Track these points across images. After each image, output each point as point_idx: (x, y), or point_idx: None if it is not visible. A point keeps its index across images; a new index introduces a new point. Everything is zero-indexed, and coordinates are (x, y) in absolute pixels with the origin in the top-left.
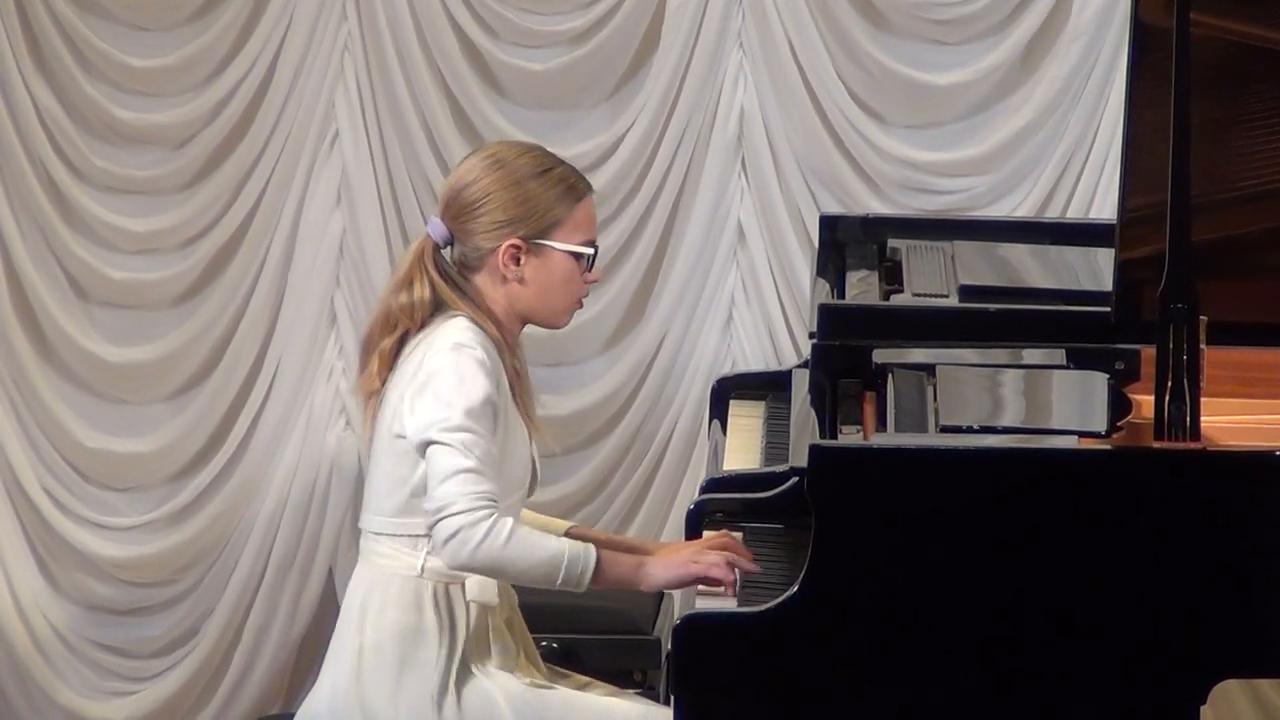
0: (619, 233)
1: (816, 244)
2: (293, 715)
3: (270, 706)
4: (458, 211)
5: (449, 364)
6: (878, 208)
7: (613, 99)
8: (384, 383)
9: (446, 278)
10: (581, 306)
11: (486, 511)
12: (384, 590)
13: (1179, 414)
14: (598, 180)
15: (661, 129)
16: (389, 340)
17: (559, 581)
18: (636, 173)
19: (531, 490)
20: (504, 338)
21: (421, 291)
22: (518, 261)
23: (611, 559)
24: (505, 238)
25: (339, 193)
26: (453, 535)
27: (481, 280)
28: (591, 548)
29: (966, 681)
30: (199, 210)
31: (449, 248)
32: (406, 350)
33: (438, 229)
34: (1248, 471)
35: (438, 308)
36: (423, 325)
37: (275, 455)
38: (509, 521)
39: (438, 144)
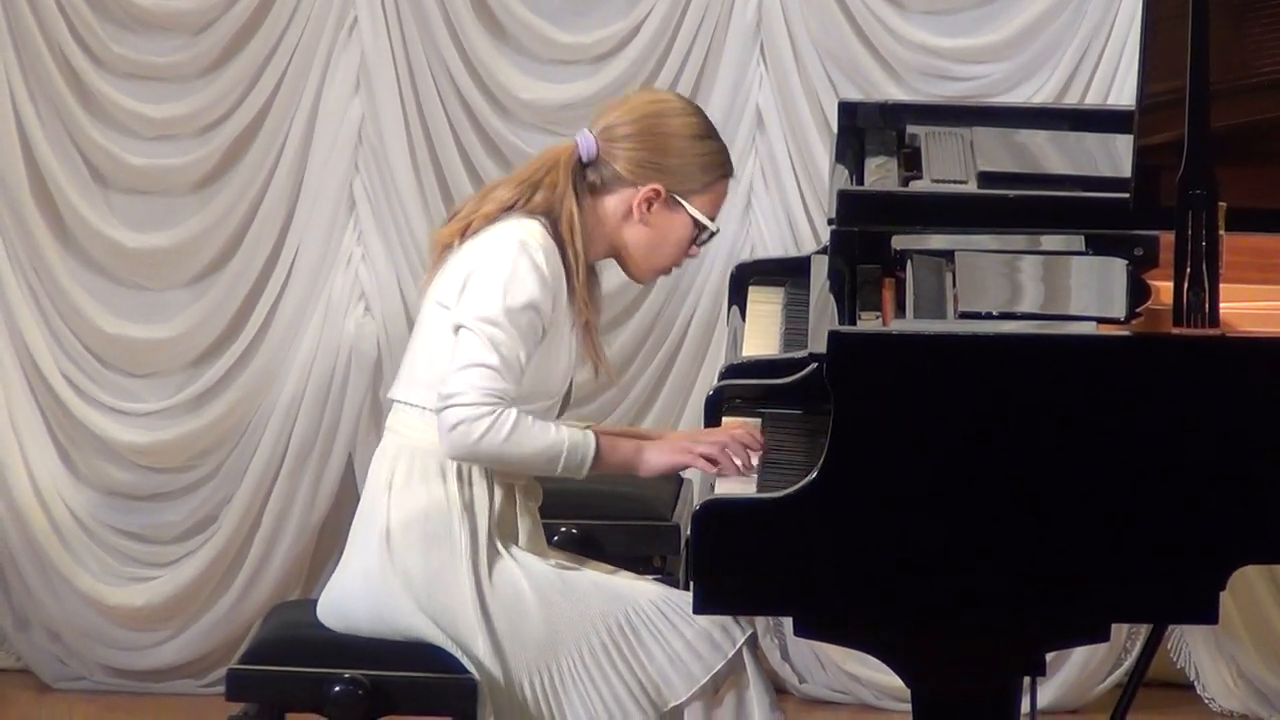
0: None
1: (835, 130)
2: (313, 601)
3: (289, 592)
4: (613, 137)
5: (508, 258)
6: (896, 94)
7: None
8: (462, 242)
9: (578, 191)
10: (669, 273)
11: (490, 407)
12: (408, 465)
13: (1198, 300)
14: (616, 66)
15: (680, 15)
16: (495, 213)
17: (559, 470)
18: (655, 59)
19: (563, 410)
20: (586, 258)
21: (564, 196)
22: (650, 207)
23: (610, 445)
24: (649, 179)
25: (358, 79)
26: (455, 425)
27: (606, 205)
28: (590, 435)
29: (984, 566)
30: (218, 96)
31: (588, 167)
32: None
33: (588, 145)
34: (1266, 357)
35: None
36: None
37: (294, 341)
38: (512, 414)
39: (456, 30)
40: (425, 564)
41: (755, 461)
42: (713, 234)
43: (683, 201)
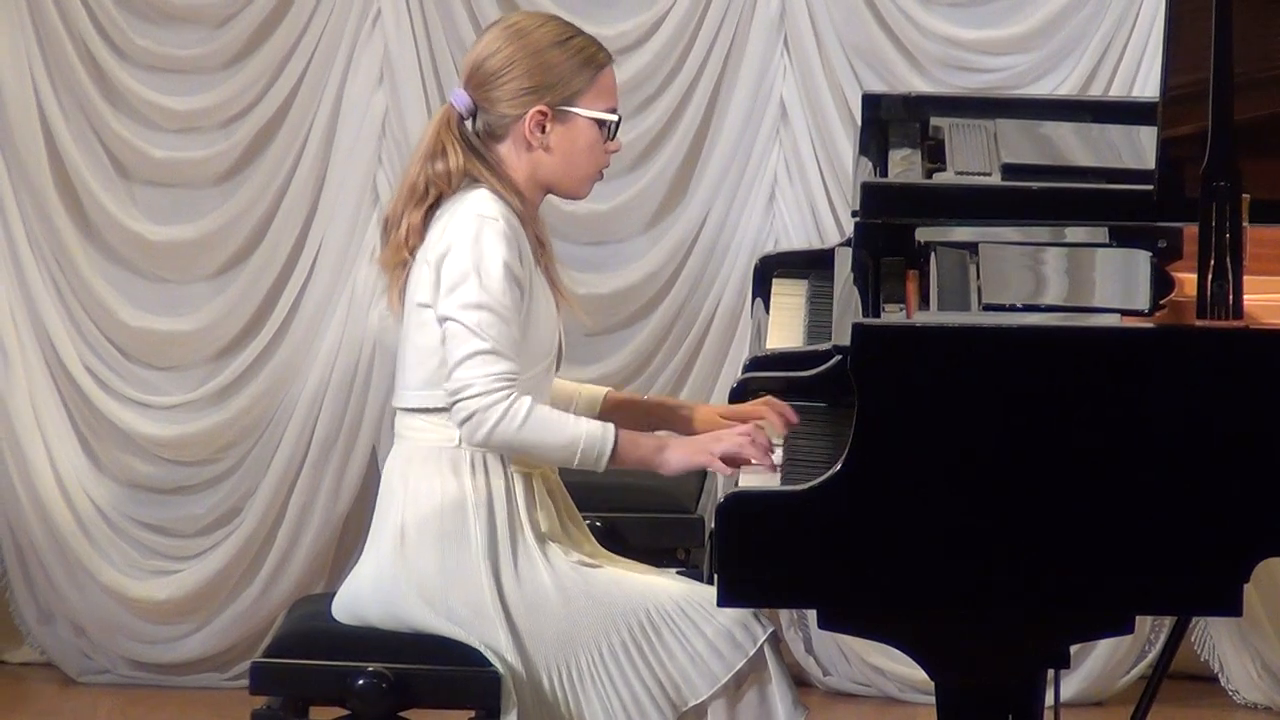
0: (661, 111)
1: (859, 122)
2: (335, 595)
3: (313, 586)
4: (481, 80)
5: (470, 235)
6: (920, 86)
7: None
8: (412, 254)
9: (470, 147)
10: (602, 177)
11: (503, 393)
12: (421, 465)
13: (1221, 292)
14: (640, 59)
15: (704, 7)
16: (419, 212)
17: (575, 463)
18: (679, 51)
19: (558, 364)
20: (525, 209)
21: (456, 159)
22: (543, 129)
23: (631, 442)
24: (530, 105)
25: (381, 71)
26: (469, 417)
27: (505, 149)
28: (611, 430)
29: (1007, 559)
30: (241, 89)
31: (472, 119)
32: (431, 220)
33: (461, 99)
34: None
35: (464, 178)
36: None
37: (318, 334)
38: (526, 401)
39: (479, 22)
40: (441, 565)
41: (778, 455)
42: (619, 122)
43: (573, 109)
